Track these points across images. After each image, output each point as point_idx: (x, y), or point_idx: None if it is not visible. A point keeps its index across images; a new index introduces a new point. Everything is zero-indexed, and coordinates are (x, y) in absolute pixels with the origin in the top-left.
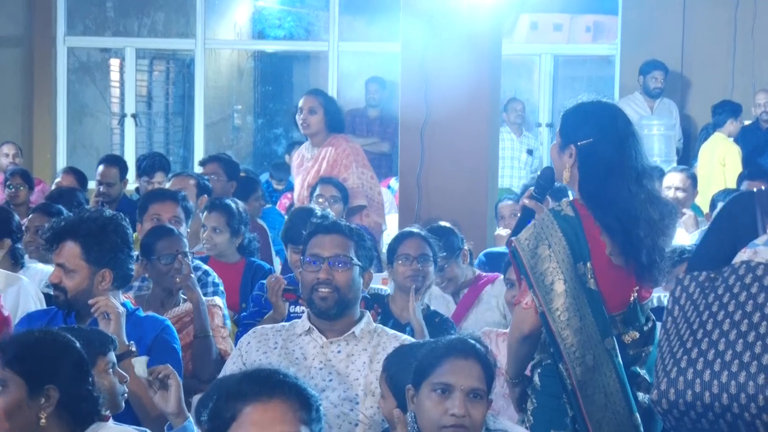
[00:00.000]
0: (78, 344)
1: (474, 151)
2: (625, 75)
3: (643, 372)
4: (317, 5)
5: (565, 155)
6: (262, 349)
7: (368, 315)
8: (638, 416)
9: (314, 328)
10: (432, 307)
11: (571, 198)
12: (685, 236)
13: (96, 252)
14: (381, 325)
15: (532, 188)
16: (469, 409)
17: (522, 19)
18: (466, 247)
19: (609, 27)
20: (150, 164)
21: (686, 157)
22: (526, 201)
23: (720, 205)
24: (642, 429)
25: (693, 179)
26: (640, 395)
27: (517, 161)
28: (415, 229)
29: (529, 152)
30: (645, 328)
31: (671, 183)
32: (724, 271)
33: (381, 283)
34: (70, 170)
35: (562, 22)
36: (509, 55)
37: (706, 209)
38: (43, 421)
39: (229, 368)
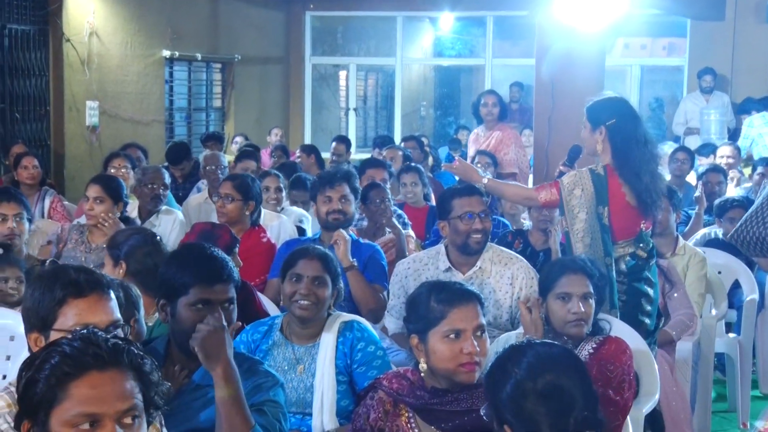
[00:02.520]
0: None
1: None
2: (690, 80)
3: (646, 289)
4: (477, 33)
5: (596, 134)
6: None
7: None
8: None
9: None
10: None
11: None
12: (732, 190)
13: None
14: None
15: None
16: (585, 308)
17: (618, 41)
18: None
19: (680, 45)
20: (381, 141)
21: (735, 135)
22: (562, 167)
23: (759, 168)
24: None
25: (738, 150)
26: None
27: None
28: None
29: None
30: (649, 248)
31: (723, 153)
32: None
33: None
34: (308, 147)
35: (646, 43)
36: (610, 66)
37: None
38: None
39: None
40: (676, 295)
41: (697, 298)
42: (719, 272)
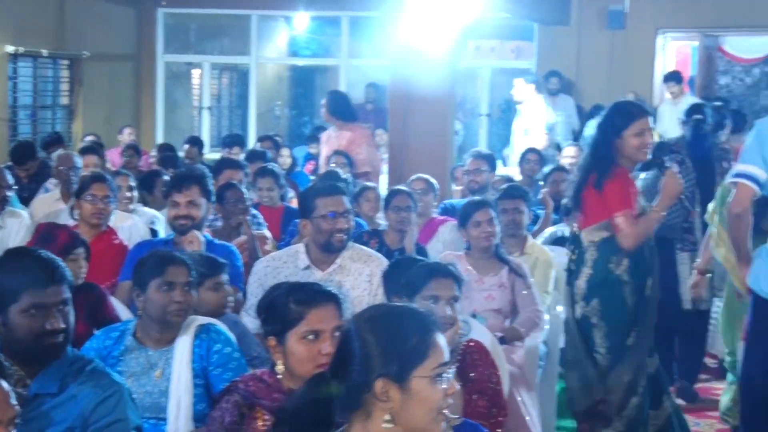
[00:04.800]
0: None
1: (439, 132)
2: (538, 81)
3: None
4: (332, 33)
5: None
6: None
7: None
8: None
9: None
10: None
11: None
12: None
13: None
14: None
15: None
16: (452, 312)
17: (469, 44)
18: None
19: (528, 49)
20: (231, 140)
21: (580, 137)
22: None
23: None
24: None
25: (582, 151)
26: None
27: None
28: (403, 187)
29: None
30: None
31: (567, 154)
32: None
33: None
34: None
35: (495, 46)
36: (461, 68)
37: None
38: None
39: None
40: (524, 292)
41: (544, 295)
42: (566, 270)
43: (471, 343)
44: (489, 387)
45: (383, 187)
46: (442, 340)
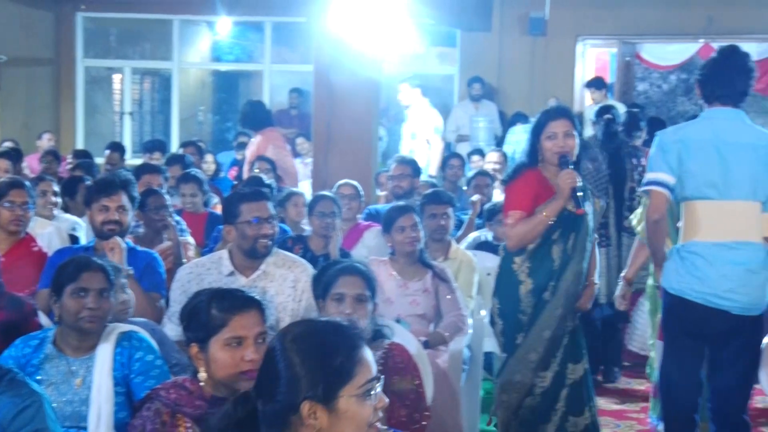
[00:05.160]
0: None
1: (362, 138)
2: (461, 88)
3: None
4: (256, 38)
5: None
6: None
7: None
8: None
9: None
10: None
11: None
12: (499, 195)
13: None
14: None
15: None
16: (357, 310)
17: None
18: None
19: (451, 55)
20: (153, 145)
21: (503, 143)
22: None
23: None
24: None
25: (504, 156)
26: None
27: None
28: (327, 193)
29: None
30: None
31: (490, 159)
32: None
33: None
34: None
35: (420, 52)
36: (385, 74)
37: None
38: None
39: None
40: (448, 297)
41: (468, 299)
42: (488, 274)
43: (392, 347)
44: (410, 390)
45: (307, 191)
46: (368, 354)
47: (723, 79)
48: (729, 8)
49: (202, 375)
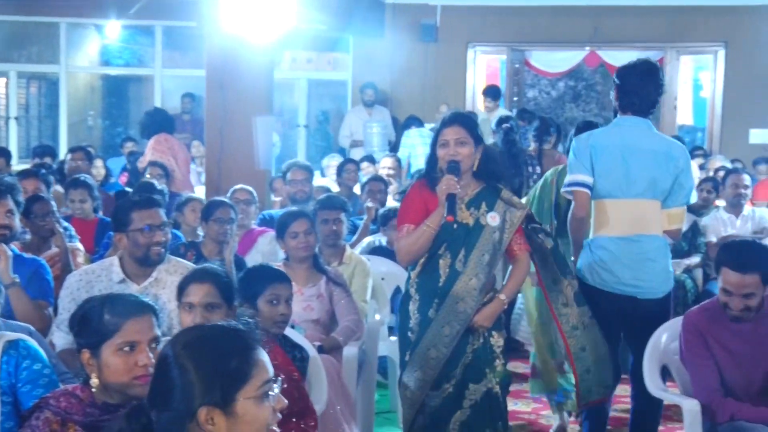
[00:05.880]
0: None
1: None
2: (354, 94)
3: None
4: (146, 42)
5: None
6: None
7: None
8: None
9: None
10: None
11: None
12: (392, 201)
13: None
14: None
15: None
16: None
17: (286, 54)
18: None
19: (344, 60)
20: (41, 151)
21: (396, 148)
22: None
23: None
24: None
25: (398, 161)
26: None
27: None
28: (224, 199)
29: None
30: None
31: (384, 165)
32: None
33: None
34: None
35: (312, 57)
36: (278, 79)
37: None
38: None
39: None
40: (343, 302)
41: (362, 304)
42: (383, 279)
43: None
44: (292, 392)
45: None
46: (264, 356)
47: (639, 92)
48: (613, 18)
49: (94, 381)
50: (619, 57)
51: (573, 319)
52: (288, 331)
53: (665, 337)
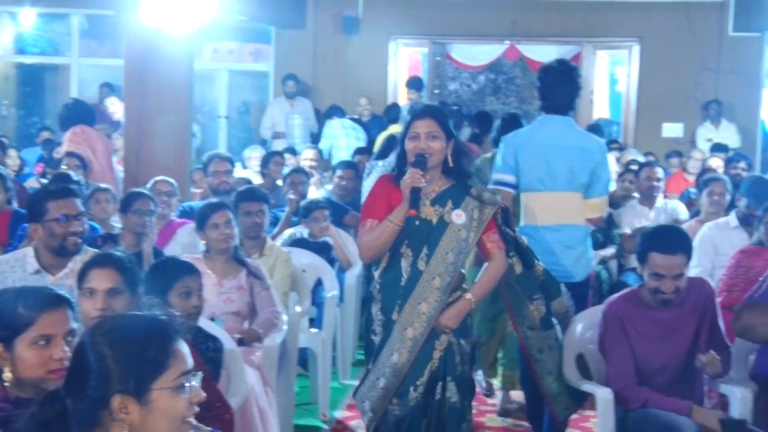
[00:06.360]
0: None
1: (176, 134)
2: (276, 85)
3: None
4: (62, 31)
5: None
6: None
7: None
8: None
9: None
10: None
11: None
12: (314, 192)
13: None
14: None
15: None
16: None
17: (207, 45)
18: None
19: (266, 51)
20: None
21: (317, 140)
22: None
23: (338, 172)
24: None
25: (320, 153)
26: None
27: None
28: (143, 190)
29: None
30: None
31: (306, 156)
32: None
33: None
34: None
35: (233, 48)
36: (199, 70)
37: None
38: None
39: None
40: (263, 294)
41: (282, 296)
42: (304, 270)
43: None
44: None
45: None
46: (184, 347)
47: (559, 92)
48: (532, 12)
49: (8, 375)
50: (537, 51)
51: (538, 342)
52: (206, 323)
53: (581, 327)
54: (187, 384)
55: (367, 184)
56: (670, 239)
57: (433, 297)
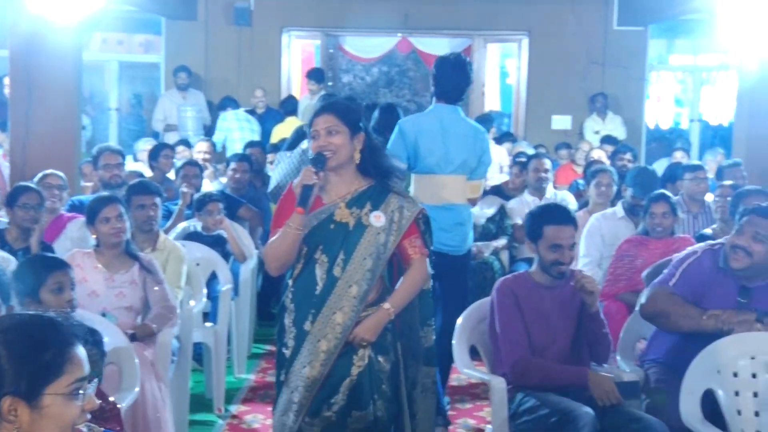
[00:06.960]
0: None
1: (65, 127)
2: (167, 77)
3: None
4: None
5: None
6: None
7: None
8: None
9: None
10: None
11: None
12: (209, 185)
13: None
14: None
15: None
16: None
17: (95, 36)
18: None
19: (156, 43)
20: None
21: (211, 132)
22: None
23: (232, 164)
24: None
25: (213, 145)
26: None
27: None
28: (30, 184)
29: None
30: None
31: (200, 149)
32: None
33: None
34: None
35: (123, 39)
36: (88, 61)
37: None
38: None
39: None
40: (156, 288)
41: (176, 290)
42: (198, 264)
43: None
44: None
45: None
46: (81, 353)
47: (451, 83)
48: (423, 5)
49: None
50: (429, 44)
51: (415, 374)
52: (97, 319)
53: (474, 318)
54: (81, 391)
55: (274, 175)
56: (560, 211)
57: (349, 306)
